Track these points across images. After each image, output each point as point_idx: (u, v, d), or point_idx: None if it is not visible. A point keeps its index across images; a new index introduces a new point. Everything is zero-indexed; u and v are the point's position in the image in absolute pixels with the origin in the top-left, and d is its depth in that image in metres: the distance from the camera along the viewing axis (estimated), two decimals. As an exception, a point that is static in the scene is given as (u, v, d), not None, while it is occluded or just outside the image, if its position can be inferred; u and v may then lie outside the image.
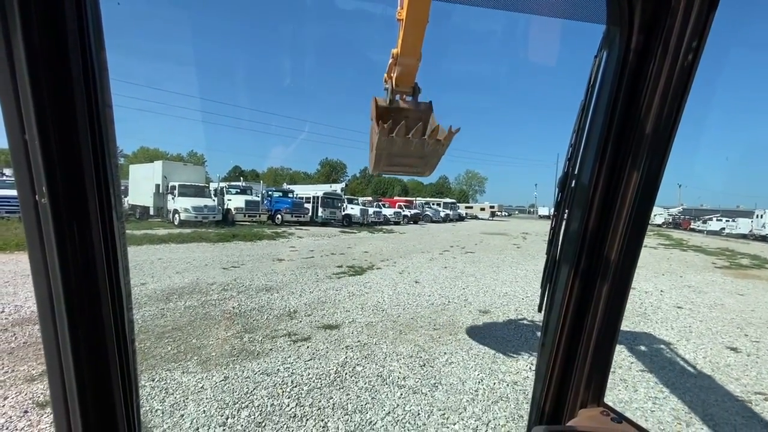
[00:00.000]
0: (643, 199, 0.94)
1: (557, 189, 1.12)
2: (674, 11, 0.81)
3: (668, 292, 8.86)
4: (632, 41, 0.88)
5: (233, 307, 6.01)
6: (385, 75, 3.60)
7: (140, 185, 21.69)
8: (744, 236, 36.06)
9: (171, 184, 19.17)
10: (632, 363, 4.59)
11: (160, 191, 19.59)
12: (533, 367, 4.19)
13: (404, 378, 3.89)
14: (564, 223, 1.11)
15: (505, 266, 11.52)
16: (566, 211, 1.11)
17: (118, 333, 0.77)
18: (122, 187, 23.64)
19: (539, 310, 1.20)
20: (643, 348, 5.13)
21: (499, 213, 59.45)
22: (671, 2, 0.81)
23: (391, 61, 3.45)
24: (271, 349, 4.44)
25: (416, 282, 8.60)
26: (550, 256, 1.15)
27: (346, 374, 3.91)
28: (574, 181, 1.08)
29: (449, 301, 7.06)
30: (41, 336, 0.74)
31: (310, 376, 3.83)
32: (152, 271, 8.29)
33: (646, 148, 0.90)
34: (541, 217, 73.38)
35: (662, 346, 5.24)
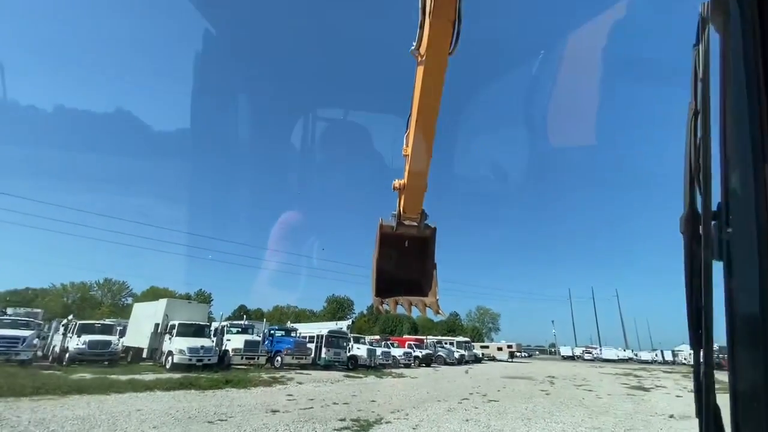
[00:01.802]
0: None
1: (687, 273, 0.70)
2: None
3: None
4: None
5: (210, 477, 4.87)
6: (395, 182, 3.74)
7: (140, 325, 20.91)
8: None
9: (171, 323, 18.46)
10: None
11: (159, 331, 18.73)
12: None
13: None
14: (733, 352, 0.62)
15: (537, 418, 9.82)
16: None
17: None
18: (120, 327, 22.81)
19: None
20: None
21: (518, 353, 54.57)
22: None
23: (397, 184, 3.64)
24: None
25: (434, 440, 7.20)
26: (705, 420, 0.69)
27: None
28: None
29: (476, 467, 5.71)
30: None
31: None
32: (126, 426, 7.13)
33: None
34: (564, 358, 67.10)
35: None
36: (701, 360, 0.69)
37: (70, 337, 17.65)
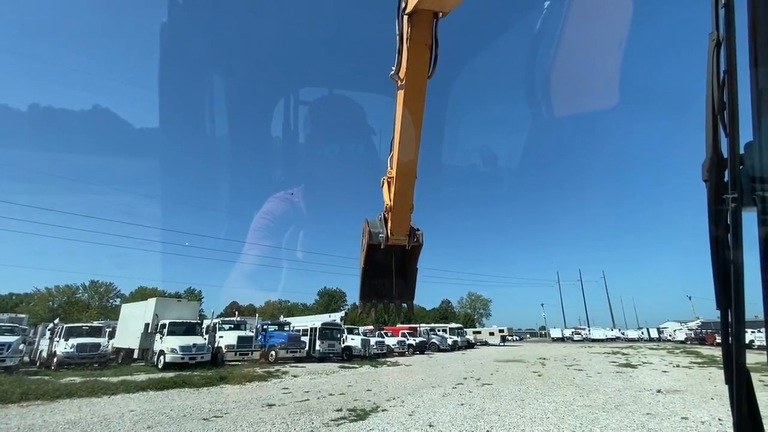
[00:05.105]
0: None
1: (716, 283, 0.66)
2: None
3: (728, 420, 7.48)
4: None
5: (207, 473, 4.83)
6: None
7: (129, 325, 20.57)
8: (779, 349, 33.12)
9: (161, 322, 18.19)
10: None
11: (149, 330, 18.44)
12: None
13: None
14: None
15: (530, 399, 10.03)
16: None
17: None
18: (109, 329, 22.42)
19: None
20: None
21: (510, 337, 55.64)
22: None
23: (386, 199, 3.62)
24: None
25: (430, 426, 7.28)
26: (736, 388, 0.67)
27: None
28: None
29: (473, 450, 5.80)
30: None
31: None
32: (119, 427, 7.03)
33: None
34: (555, 339, 68.80)
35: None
36: (730, 321, 0.64)
37: (58, 341, 17.29)
